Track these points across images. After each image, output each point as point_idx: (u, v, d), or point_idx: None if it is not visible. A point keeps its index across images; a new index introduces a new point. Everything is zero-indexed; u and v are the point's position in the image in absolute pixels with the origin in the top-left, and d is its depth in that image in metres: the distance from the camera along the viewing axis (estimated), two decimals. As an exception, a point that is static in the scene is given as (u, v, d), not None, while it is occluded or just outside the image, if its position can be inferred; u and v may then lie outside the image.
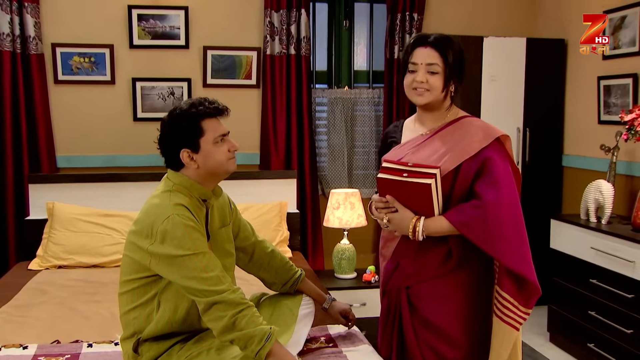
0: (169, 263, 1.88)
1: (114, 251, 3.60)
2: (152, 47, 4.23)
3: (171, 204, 1.93)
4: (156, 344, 2.01)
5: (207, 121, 1.99)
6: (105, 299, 2.99)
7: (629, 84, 3.82)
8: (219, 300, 1.85)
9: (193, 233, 1.90)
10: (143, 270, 1.97)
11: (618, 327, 3.24)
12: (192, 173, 2.01)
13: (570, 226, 3.66)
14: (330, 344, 2.37)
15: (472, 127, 2.08)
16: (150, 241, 1.90)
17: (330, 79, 4.73)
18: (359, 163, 4.77)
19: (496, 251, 1.99)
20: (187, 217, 1.91)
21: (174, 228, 1.87)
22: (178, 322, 2.00)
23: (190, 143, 1.97)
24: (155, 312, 1.99)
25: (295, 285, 2.34)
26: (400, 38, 4.53)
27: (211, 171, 2.01)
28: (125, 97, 4.25)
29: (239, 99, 4.41)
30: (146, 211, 1.97)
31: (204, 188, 2.04)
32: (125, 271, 2.03)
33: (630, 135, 3.36)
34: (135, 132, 4.26)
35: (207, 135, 1.98)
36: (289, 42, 4.37)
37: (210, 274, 1.87)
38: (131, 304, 2.02)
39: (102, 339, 2.50)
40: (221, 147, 2.01)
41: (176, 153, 1.99)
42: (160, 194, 2.01)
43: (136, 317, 2.01)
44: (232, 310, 1.85)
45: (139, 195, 3.88)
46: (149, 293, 1.99)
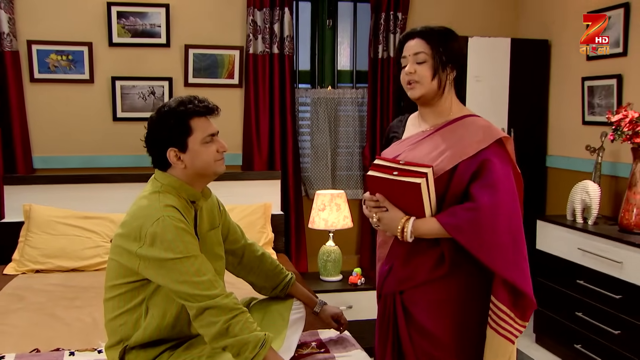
0: (159, 266, 1.81)
1: (94, 254, 3.50)
2: (132, 46, 4.14)
3: (161, 206, 1.86)
4: (143, 351, 1.93)
5: (196, 120, 1.93)
6: (86, 304, 2.90)
7: (613, 84, 3.82)
8: (211, 305, 1.78)
9: (184, 235, 1.83)
10: (130, 275, 1.89)
11: (606, 328, 3.24)
12: (180, 173, 1.95)
13: (557, 227, 3.65)
14: (322, 349, 2.32)
15: (474, 127, 1.98)
16: (138, 244, 1.82)
17: (313, 79, 4.67)
18: (342, 164, 4.72)
19: (489, 258, 1.87)
20: (178, 219, 1.85)
21: (164, 230, 1.80)
22: (167, 328, 1.93)
23: (178, 142, 1.91)
24: (143, 318, 1.92)
25: (286, 289, 2.28)
26: (385, 38, 4.49)
27: (199, 172, 1.95)
28: (105, 96, 4.14)
29: (221, 98, 4.22)
30: (134, 213, 1.90)
31: (193, 189, 1.97)
32: (111, 276, 1.95)
33: (617, 136, 3.35)
34: (115, 132, 4.16)
35: (196, 134, 1.92)
36: (272, 41, 4.31)
37: (202, 278, 1.81)
38: (117, 310, 1.94)
39: (84, 346, 2.41)
40: (210, 147, 1.95)
41: (163, 152, 1.93)
42: (148, 195, 1.94)
43: (123, 324, 1.93)
44: (225, 316, 1.78)
45: (119, 197, 3.83)
46: (137, 298, 1.91)
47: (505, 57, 4.32)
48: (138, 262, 1.84)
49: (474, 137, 1.94)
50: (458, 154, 1.93)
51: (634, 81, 3.69)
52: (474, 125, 1.99)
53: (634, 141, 3.24)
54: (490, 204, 1.86)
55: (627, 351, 3.11)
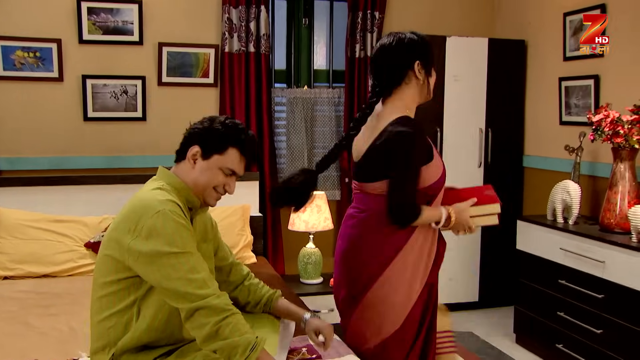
0: (150, 262, 1.72)
1: (66, 259, 3.36)
2: (104, 43, 4.00)
3: (162, 199, 1.78)
4: (134, 357, 1.83)
5: (235, 151, 1.90)
6: (61, 311, 2.77)
7: (590, 85, 3.85)
8: (202, 305, 1.70)
9: (183, 231, 1.75)
10: (123, 271, 1.79)
11: (588, 327, 3.24)
12: (184, 173, 1.90)
13: (538, 227, 3.65)
14: (314, 355, 2.24)
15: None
16: (132, 236, 1.73)
17: (289, 78, 4.60)
18: (319, 164, 4.66)
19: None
20: (178, 214, 1.77)
21: (164, 223, 1.72)
22: (158, 330, 1.83)
23: (207, 148, 1.89)
24: (134, 320, 1.81)
25: (270, 302, 2.19)
26: (362, 37, 4.45)
27: (195, 184, 1.90)
28: (75, 95, 3.99)
29: (195, 98, 4.23)
30: (133, 205, 1.80)
31: (193, 195, 1.91)
32: (102, 272, 1.84)
33: (597, 136, 3.37)
34: (86, 133, 4.02)
35: (223, 159, 1.89)
36: (248, 40, 4.22)
37: (196, 276, 1.72)
38: (107, 310, 1.83)
39: (63, 357, 2.27)
40: (221, 177, 1.90)
41: (190, 144, 1.90)
42: (148, 190, 1.86)
43: (112, 327, 1.82)
44: (216, 317, 1.70)
45: (92, 199, 3.71)
46: (128, 298, 1.81)
47: (483, 57, 4.33)
48: (128, 256, 1.75)
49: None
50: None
51: (611, 82, 3.72)
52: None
53: (615, 141, 3.26)
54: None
55: (609, 350, 3.12)
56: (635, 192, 3.27)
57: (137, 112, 4.09)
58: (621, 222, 3.26)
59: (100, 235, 3.42)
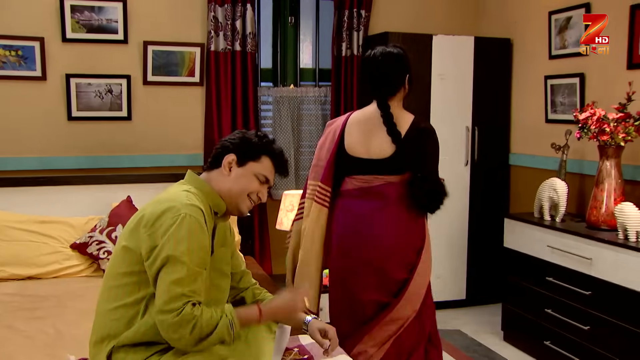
0: (155, 258, 1.75)
1: (51, 261, 3.31)
2: (88, 42, 3.95)
3: (188, 203, 1.81)
4: (132, 352, 1.81)
5: (268, 160, 1.99)
6: (48, 314, 2.72)
7: (576, 83, 3.88)
8: (171, 320, 1.70)
9: (194, 241, 1.76)
10: (137, 264, 1.81)
11: (575, 324, 3.26)
12: (217, 180, 1.96)
13: (526, 225, 3.66)
14: (305, 355, 2.23)
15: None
16: (150, 230, 1.77)
17: (275, 77, 4.58)
18: (306, 163, 4.65)
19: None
20: (200, 223, 1.79)
21: (179, 227, 1.75)
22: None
23: (242, 155, 1.96)
24: (140, 316, 1.81)
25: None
26: (348, 35, 4.44)
27: (230, 192, 1.95)
28: (59, 94, 3.94)
29: (181, 97, 4.19)
30: (158, 202, 1.84)
31: (221, 200, 1.95)
32: (117, 263, 1.86)
33: (583, 133, 3.39)
34: (70, 132, 3.97)
35: (258, 166, 1.97)
36: (234, 38, 4.20)
37: (176, 290, 1.71)
38: (115, 302, 1.83)
39: (51, 360, 2.25)
40: (256, 184, 1.97)
41: (225, 153, 1.97)
42: (178, 191, 1.89)
43: (116, 319, 1.82)
44: (185, 330, 1.70)
45: (77, 200, 3.67)
46: (138, 294, 1.82)
47: (469, 55, 4.33)
48: (142, 247, 1.78)
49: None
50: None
51: (596, 80, 3.75)
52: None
53: (601, 139, 3.28)
54: None
55: (596, 346, 3.15)
56: (621, 190, 3.30)
57: (122, 111, 4.05)
58: (607, 219, 3.28)
59: (86, 236, 3.38)
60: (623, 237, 3.09)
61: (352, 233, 2.67)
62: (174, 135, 4.19)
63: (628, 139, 3.24)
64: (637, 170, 3.46)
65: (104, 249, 3.32)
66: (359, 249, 2.64)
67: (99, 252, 3.32)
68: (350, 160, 2.68)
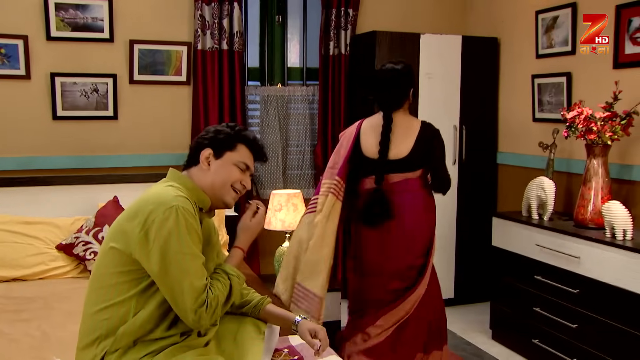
0: (161, 258, 1.74)
1: (37, 262, 3.27)
2: (73, 40, 3.90)
3: (176, 195, 1.81)
4: (126, 354, 1.78)
5: (244, 147, 1.99)
6: (34, 316, 2.68)
7: (562, 82, 3.89)
8: (196, 312, 1.77)
9: (193, 231, 1.79)
10: (127, 264, 1.79)
11: (563, 322, 3.28)
12: (198, 176, 1.95)
13: (514, 223, 3.67)
14: (295, 356, 2.21)
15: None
16: (143, 229, 1.75)
17: (262, 76, 4.56)
18: (293, 163, 4.64)
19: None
20: (190, 213, 1.79)
21: (177, 220, 1.75)
22: (153, 324, 1.81)
23: (218, 147, 1.96)
24: (131, 314, 1.79)
25: (260, 306, 2.17)
26: (336, 34, 4.43)
27: (212, 185, 1.94)
28: (43, 93, 3.89)
29: (168, 96, 4.16)
30: (144, 199, 1.82)
31: (205, 195, 1.94)
32: (105, 264, 1.83)
33: (570, 132, 3.40)
34: (55, 132, 3.92)
35: (235, 154, 1.97)
36: (221, 37, 4.17)
37: (198, 283, 1.77)
38: (104, 302, 1.80)
39: (37, 363, 2.22)
40: (236, 172, 1.97)
41: (200, 149, 1.96)
42: (161, 187, 1.88)
43: (107, 319, 1.79)
44: (211, 310, 1.81)
45: (62, 200, 3.62)
46: (128, 292, 1.80)
47: (457, 54, 4.34)
48: (136, 248, 1.76)
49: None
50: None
51: (583, 79, 3.77)
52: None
53: (588, 137, 3.29)
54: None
55: (585, 344, 3.16)
56: (608, 188, 3.32)
57: (109, 110, 4.01)
58: (595, 217, 3.30)
59: (72, 237, 3.34)
60: (610, 236, 3.10)
61: (373, 233, 3.02)
62: (161, 135, 4.16)
63: (615, 138, 3.25)
64: (624, 169, 3.48)
65: (90, 249, 3.28)
66: (383, 240, 3.00)
67: (86, 253, 3.28)
68: (367, 162, 3.03)
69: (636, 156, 3.43)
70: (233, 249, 2.02)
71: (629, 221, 3.06)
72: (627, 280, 2.92)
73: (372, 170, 3.01)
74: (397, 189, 2.99)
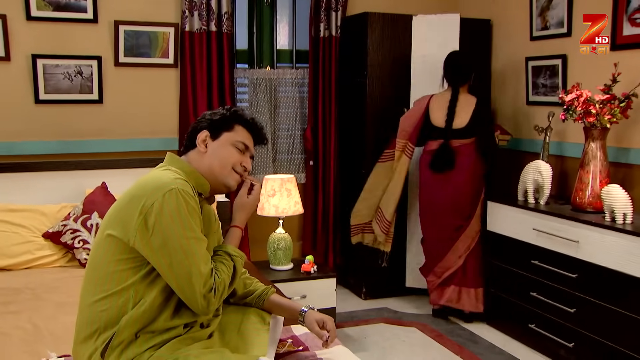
0: (162, 244, 1.67)
1: (23, 251, 3.15)
2: (55, 20, 3.76)
3: (174, 177, 1.74)
4: (127, 348, 1.70)
5: (241, 128, 1.93)
6: (23, 308, 2.57)
7: (558, 65, 3.85)
8: (204, 298, 1.72)
9: (194, 214, 1.72)
10: (125, 252, 1.70)
11: (561, 306, 3.25)
12: (196, 159, 1.88)
13: (509, 208, 3.63)
14: (300, 346, 2.15)
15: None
16: (142, 215, 1.67)
17: (251, 59, 4.44)
18: (283, 147, 4.56)
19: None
20: (191, 196, 1.72)
21: (177, 203, 1.68)
22: (153, 314, 1.72)
23: (214, 129, 1.90)
24: (130, 304, 1.70)
25: (264, 296, 2.10)
26: (326, 16, 4.34)
27: (211, 167, 1.87)
28: (24, 76, 3.75)
29: (155, 79, 4.04)
30: (141, 184, 1.74)
31: (203, 179, 1.86)
32: (101, 253, 1.74)
33: (568, 115, 3.36)
34: (38, 116, 3.79)
35: (233, 134, 1.91)
36: (209, 18, 4.05)
37: (204, 269, 1.71)
38: (102, 292, 1.71)
39: (30, 358, 2.10)
40: (236, 153, 1.90)
41: (198, 132, 1.91)
42: (159, 172, 1.81)
43: (105, 310, 1.70)
44: (224, 295, 1.79)
45: (47, 186, 3.50)
46: (126, 281, 1.71)
47: (453, 35, 4.16)
48: (135, 235, 1.67)
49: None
50: None
51: (579, 61, 3.72)
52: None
53: (587, 120, 3.25)
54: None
55: (583, 328, 3.14)
56: (606, 172, 3.28)
57: (93, 94, 3.88)
58: (593, 201, 3.26)
59: (60, 224, 3.22)
60: (610, 219, 3.07)
61: (437, 177, 3.81)
62: (148, 119, 4.04)
63: (613, 121, 3.22)
64: (621, 152, 3.45)
65: (79, 237, 3.17)
66: (443, 187, 3.80)
67: (74, 241, 3.17)
68: (434, 129, 3.81)
69: (633, 139, 3.40)
70: (231, 228, 1.96)
71: (629, 205, 3.03)
72: (628, 264, 2.89)
73: (437, 136, 3.79)
74: (456, 152, 3.77)
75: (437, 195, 3.84)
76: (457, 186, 3.79)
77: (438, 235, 3.91)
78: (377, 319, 3.94)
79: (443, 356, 3.41)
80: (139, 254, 1.70)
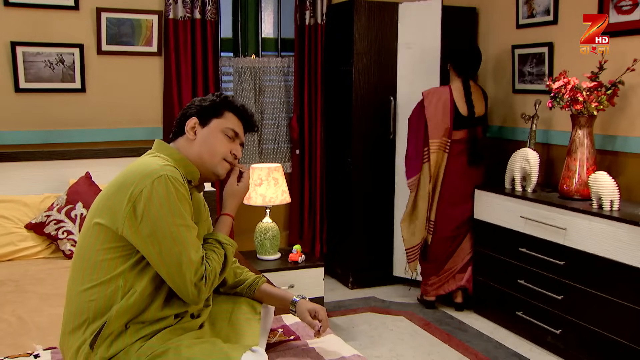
0: (152, 232, 1.63)
1: (5, 242, 3.09)
2: (34, 7, 3.67)
3: (163, 164, 1.70)
4: (117, 339, 1.66)
5: (231, 114, 1.89)
6: (6, 300, 2.52)
7: (544, 52, 3.84)
8: (195, 286, 1.69)
9: (184, 201, 1.68)
10: (114, 240, 1.66)
11: (548, 293, 3.27)
12: (184, 146, 1.84)
13: (497, 196, 3.64)
14: (291, 336, 2.12)
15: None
16: (131, 203, 1.63)
17: (236, 47, 4.39)
18: (269, 136, 4.52)
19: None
20: (180, 183, 1.68)
21: (167, 190, 1.64)
22: (144, 303, 1.69)
23: (203, 115, 1.87)
24: (119, 294, 1.66)
25: (255, 286, 2.07)
26: (312, 3, 4.29)
27: (201, 155, 1.83)
28: (3, 64, 3.66)
29: (138, 67, 3.97)
30: (130, 171, 1.70)
31: (193, 166, 1.81)
32: (89, 241, 1.70)
33: (555, 103, 3.36)
34: (18, 105, 3.70)
35: (223, 121, 1.87)
36: (193, 5, 3.99)
37: (194, 257, 1.67)
38: (90, 281, 1.67)
39: (15, 351, 2.05)
40: (225, 140, 1.86)
41: (187, 119, 1.87)
42: (147, 158, 1.77)
43: (94, 300, 1.66)
44: (209, 283, 1.73)
45: (29, 177, 3.44)
46: (115, 270, 1.67)
47: (436, 22, 4.13)
48: (124, 223, 1.63)
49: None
50: None
51: (565, 49, 3.72)
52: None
53: (575, 108, 3.26)
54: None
55: (570, 315, 3.16)
56: (593, 159, 3.29)
57: (75, 83, 3.80)
58: (581, 188, 3.27)
59: (43, 215, 3.16)
60: (597, 206, 3.08)
61: (466, 167, 3.85)
62: (132, 108, 3.97)
63: (600, 108, 3.22)
64: (607, 140, 3.46)
65: (63, 228, 3.11)
66: (466, 175, 3.85)
67: (58, 232, 3.11)
68: (461, 118, 3.80)
69: (619, 127, 3.41)
70: (222, 216, 1.91)
71: (616, 192, 3.05)
72: (615, 250, 2.91)
73: (461, 125, 3.80)
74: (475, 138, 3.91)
75: (460, 184, 3.85)
76: (479, 174, 3.90)
77: (450, 227, 3.88)
78: (365, 308, 3.93)
79: (431, 344, 3.41)
80: (128, 242, 1.66)
